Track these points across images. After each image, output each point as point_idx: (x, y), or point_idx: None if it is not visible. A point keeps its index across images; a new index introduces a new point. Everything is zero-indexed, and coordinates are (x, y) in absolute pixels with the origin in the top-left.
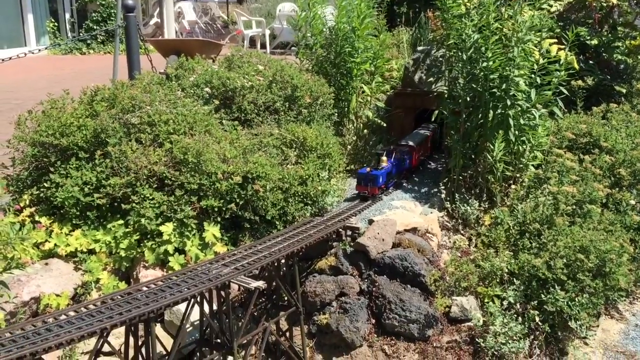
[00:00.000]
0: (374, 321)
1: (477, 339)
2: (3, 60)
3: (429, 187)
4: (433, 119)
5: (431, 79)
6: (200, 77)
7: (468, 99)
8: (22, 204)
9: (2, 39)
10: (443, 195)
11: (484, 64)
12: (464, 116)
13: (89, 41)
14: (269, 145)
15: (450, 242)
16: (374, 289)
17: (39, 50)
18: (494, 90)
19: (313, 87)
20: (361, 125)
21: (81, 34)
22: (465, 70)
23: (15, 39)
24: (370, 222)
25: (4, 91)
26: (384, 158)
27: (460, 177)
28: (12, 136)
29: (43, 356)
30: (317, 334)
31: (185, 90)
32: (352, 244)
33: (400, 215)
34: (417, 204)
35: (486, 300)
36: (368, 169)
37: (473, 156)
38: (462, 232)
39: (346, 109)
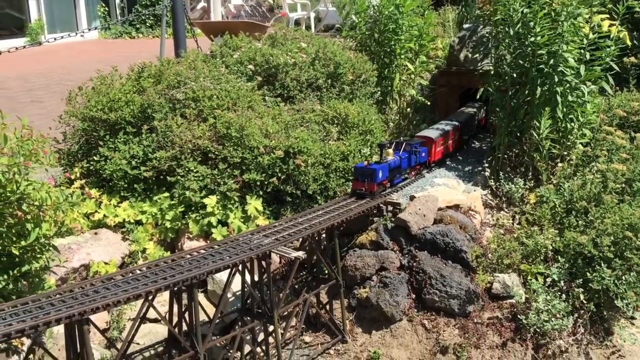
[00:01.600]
0: (413, 296)
1: (519, 316)
2: (55, 39)
3: (472, 165)
4: (478, 97)
5: (477, 56)
6: (244, 54)
7: (515, 75)
8: (73, 177)
9: (56, 24)
10: (487, 174)
11: (532, 40)
12: (510, 93)
13: (138, 25)
14: (310, 121)
15: (493, 219)
16: (414, 264)
17: (89, 30)
18: (541, 66)
19: (356, 64)
20: (404, 104)
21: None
22: (513, 46)
23: (67, 24)
24: (412, 198)
25: (58, 73)
26: (390, 150)
27: (505, 156)
28: (63, 111)
29: (93, 319)
30: (356, 308)
31: (229, 67)
32: (392, 219)
33: (442, 192)
34: (460, 182)
35: (529, 278)
36: (366, 163)
37: (519, 134)
38: (505, 210)
39: (389, 87)
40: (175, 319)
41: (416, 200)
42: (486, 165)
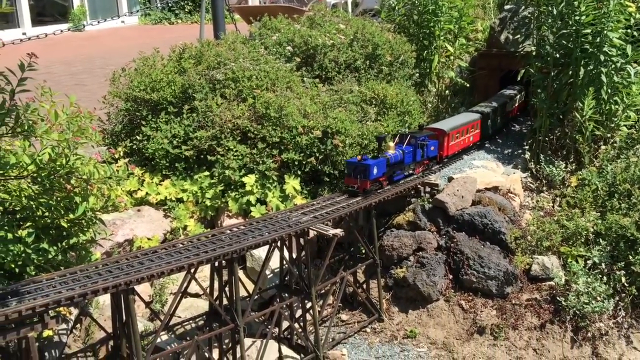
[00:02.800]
0: (451, 277)
1: (558, 298)
2: (99, 22)
3: (512, 148)
4: (519, 79)
5: (518, 37)
6: (282, 35)
7: (557, 56)
8: (116, 156)
9: (98, 10)
10: (527, 156)
11: (576, 19)
12: (553, 75)
13: (177, 11)
14: (348, 102)
15: (533, 202)
16: (452, 244)
17: (131, 13)
18: (585, 46)
19: (394, 45)
20: (443, 86)
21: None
22: (556, 26)
23: (109, 10)
24: (450, 179)
25: (101, 57)
26: (391, 144)
27: (546, 138)
28: (107, 92)
29: (137, 290)
30: (393, 287)
31: (268, 49)
32: (430, 200)
33: (481, 174)
34: (499, 164)
35: (569, 260)
36: (359, 157)
37: (561, 116)
38: (546, 193)
39: (428, 69)
40: (215, 294)
41: (454, 182)
42: (526, 147)
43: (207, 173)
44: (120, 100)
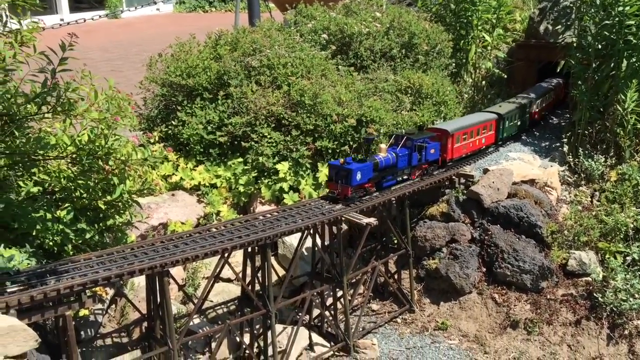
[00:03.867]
0: (484, 269)
1: (595, 294)
2: (136, 8)
3: (550, 141)
4: (558, 71)
5: (558, 28)
6: (318, 23)
7: (599, 47)
8: (152, 140)
9: None
10: (565, 149)
11: (620, 9)
12: (594, 66)
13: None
14: (383, 90)
15: (570, 196)
16: (486, 237)
17: (165, 1)
18: (629, 37)
19: (431, 34)
20: (479, 76)
21: None
22: (598, 17)
23: None
24: (485, 171)
25: (137, 44)
26: (383, 146)
27: (586, 131)
28: (143, 77)
29: (172, 272)
30: (425, 279)
31: (303, 36)
32: (465, 191)
33: (517, 166)
34: (536, 157)
35: (607, 256)
36: (342, 160)
37: (601, 109)
38: (584, 187)
39: (464, 59)
40: (247, 280)
41: (490, 174)
42: (565, 140)
43: (240, 159)
44: (157, 86)
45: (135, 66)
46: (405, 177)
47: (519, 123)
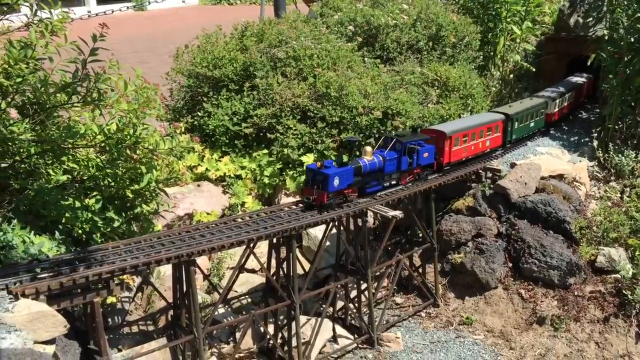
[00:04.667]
0: (510, 264)
1: (624, 291)
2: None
3: (579, 136)
4: (589, 65)
5: (589, 21)
6: (344, 15)
7: (632, 40)
8: (178, 131)
9: None
10: (595, 144)
11: None
12: (625, 60)
13: None
14: (410, 83)
15: (599, 192)
16: (512, 232)
17: None
18: None
19: (459, 27)
20: (507, 70)
21: None
22: (632, 8)
23: None
24: (513, 165)
25: (162, 37)
26: (369, 149)
27: (616, 126)
28: (170, 68)
29: (197, 262)
30: (450, 273)
31: (329, 28)
32: (491, 186)
33: (545, 161)
34: (565, 152)
35: (637, 253)
36: (319, 164)
37: (633, 104)
38: (614, 182)
39: (492, 52)
40: (272, 271)
41: (518, 168)
42: (594, 135)
43: (265, 151)
44: (183, 77)
45: (161, 58)
46: (393, 182)
47: (531, 124)
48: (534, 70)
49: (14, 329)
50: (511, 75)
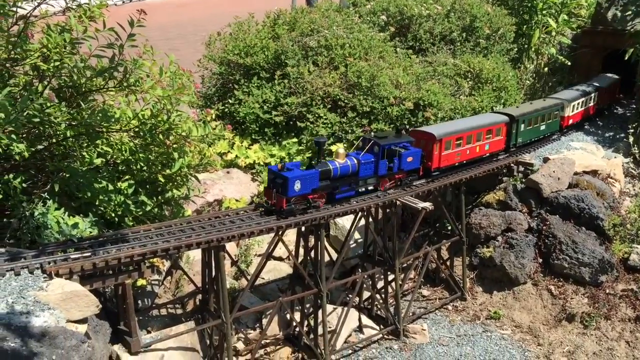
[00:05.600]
0: (540, 260)
1: None
2: None
3: (614, 131)
4: (626, 59)
5: (628, 14)
6: (377, 4)
7: None
8: (209, 118)
9: None
10: (630, 140)
11: None
12: None
13: None
14: (442, 74)
15: (634, 189)
16: (544, 227)
17: None
18: None
19: (493, 18)
20: (542, 63)
21: None
22: None
23: None
24: (546, 160)
25: (193, 25)
26: (341, 151)
27: None
28: (202, 56)
29: (227, 247)
30: (478, 267)
31: (362, 17)
32: (523, 180)
33: (579, 156)
34: (599, 147)
35: None
36: (280, 165)
37: None
38: None
39: (526, 45)
40: (300, 259)
41: (551, 162)
42: (630, 131)
43: (295, 139)
44: (215, 64)
45: (193, 45)
46: (370, 187)
47: (542, 127)
48: (569, 64)
49: (48, 307)
50: (545, 69)
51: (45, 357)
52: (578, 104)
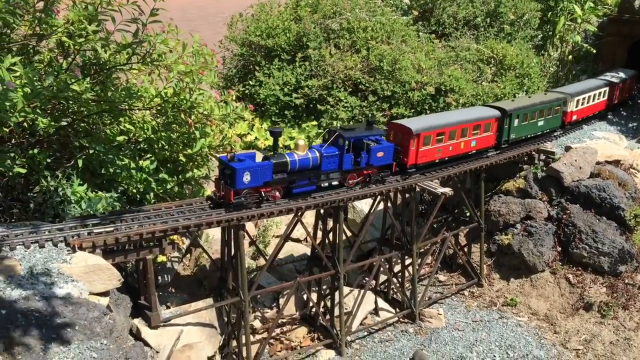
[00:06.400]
0: (559, 249)
1: None
2: None
3: (638, 122)
4: None
5: None
6: None
7: None
8: (229, 99)
9: None
10: None
11: None
12: None
13: None
14: (465, 59)
15: None
16: (563, 216)
17: None
18: None
19: (518, 3)
20: (566, 50)
21: None
22: None
23: None
24: (567, 148)
25: (213, 6)
26: (302, 142)
27: None
28: (223, 37)
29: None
30: (496, 254)
31: (384, 0)
32: (544, 168)
33: (602, 146)
34: (622, 137)
35: None
36: (230, 155)
37: None
38: None
39: (551, 32)
40: (317, 241)
41: (572, 151)
42: None
43: (315, 122)
44: (236, 45)
45: (213, 27)
46: (334, 182)
47: (540, 123)
48: (594, 52)
49: (71, 279)
50: (570, 57)
51: (68, 321)
52: (584, 99)
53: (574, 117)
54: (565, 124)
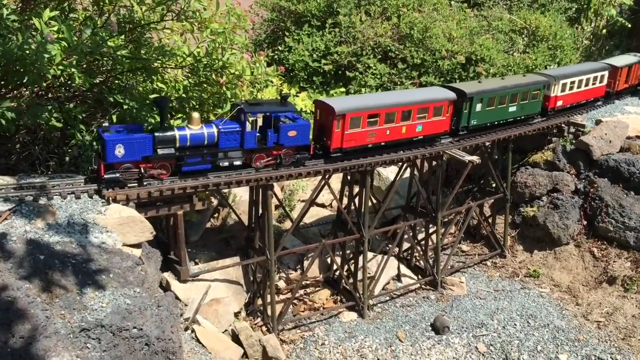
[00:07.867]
0: (585, 222)
1: None
2: None
3: None
4: None
5: None
6: None
7: None
8: (260, 60)
9: None
10: None
11: None
12: None
13: None
14: (497, 29)
15: None
16: (591, 190)
17: None
18: None
19: None
20: (600, 24)
21: None
22: None
23: None
24: (598, 122)
25: None
26: (196, 115)
27: None
28: (254, 2)
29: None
30: (520, 225)
31: None
32: (574, 141)
33: (633, 120)
34: None
35: None
36: (105, 125)
37: None
38: None
39: (586, 4)
40: (343, 206)
41: (603, 125)
42: None
43: (343, 89)
44: (266, 10)
45: None
46: (236, 162)
47: (512, 109)
48: (629, 27)
49: (106, 230)
50: (604, 31)
51: (102, 269)
52: (573, 83)
53: (559, 103)
54: (548, 110)
